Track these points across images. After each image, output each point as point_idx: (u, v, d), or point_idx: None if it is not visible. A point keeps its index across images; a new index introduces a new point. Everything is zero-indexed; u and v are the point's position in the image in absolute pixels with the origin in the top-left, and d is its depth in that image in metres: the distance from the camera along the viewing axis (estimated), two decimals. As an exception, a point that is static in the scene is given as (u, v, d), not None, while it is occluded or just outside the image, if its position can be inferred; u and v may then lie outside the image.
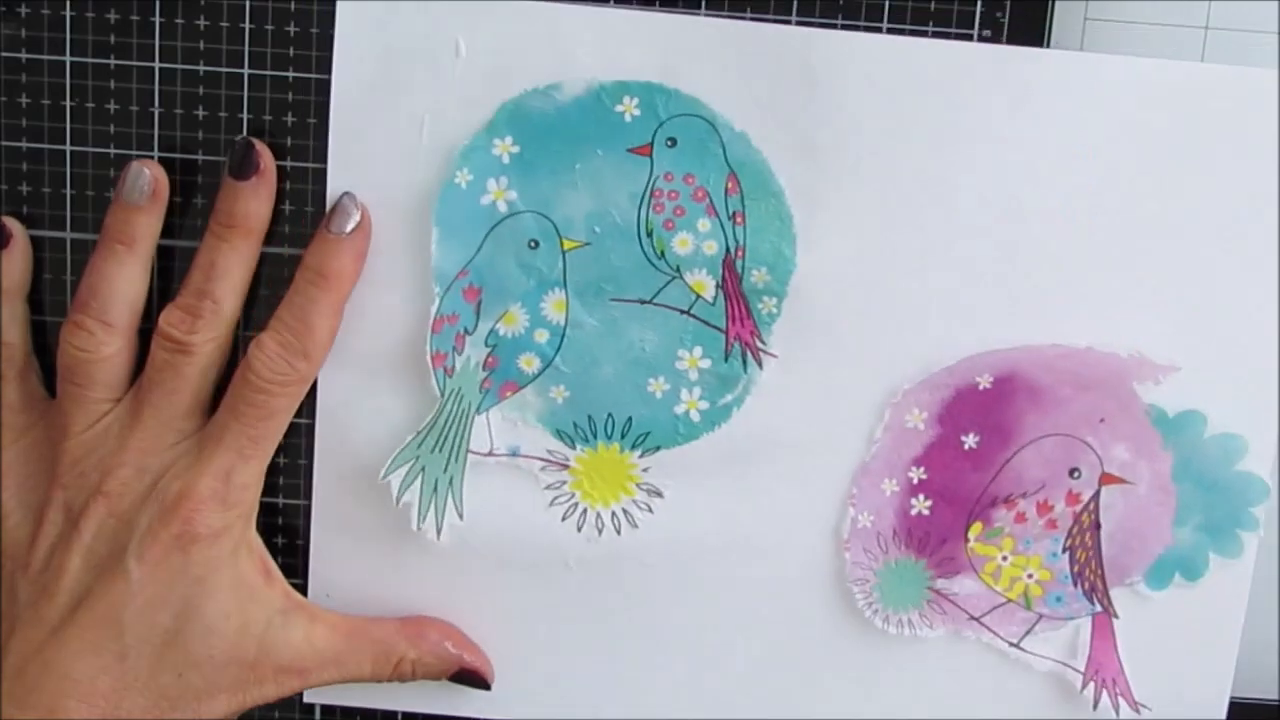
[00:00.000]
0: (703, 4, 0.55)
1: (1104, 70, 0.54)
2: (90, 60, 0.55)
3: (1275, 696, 0.60)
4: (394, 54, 0.55)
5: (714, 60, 0.54)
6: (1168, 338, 0.56)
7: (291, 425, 0.56)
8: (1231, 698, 0.59)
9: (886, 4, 0.55)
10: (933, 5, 0.55)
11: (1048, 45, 0.55)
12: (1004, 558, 0.58)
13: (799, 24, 0.55)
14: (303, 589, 0.58)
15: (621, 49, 0.54)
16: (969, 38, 0.55)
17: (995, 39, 0.55)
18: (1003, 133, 0.55)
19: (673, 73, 0.54)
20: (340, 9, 0.55)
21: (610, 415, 0.57)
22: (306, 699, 0.60)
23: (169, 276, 0.56)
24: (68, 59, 0.55)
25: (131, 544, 0.53)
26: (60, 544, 0.54)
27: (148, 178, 0.55)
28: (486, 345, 0.56)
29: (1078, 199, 0.55)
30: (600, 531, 0.58)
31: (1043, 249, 0.55)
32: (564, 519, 0.58)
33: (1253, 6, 0.55)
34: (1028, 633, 0.58)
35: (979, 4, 0.55)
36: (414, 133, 0.55)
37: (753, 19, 0.55)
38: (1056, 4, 0.55)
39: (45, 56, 0.55)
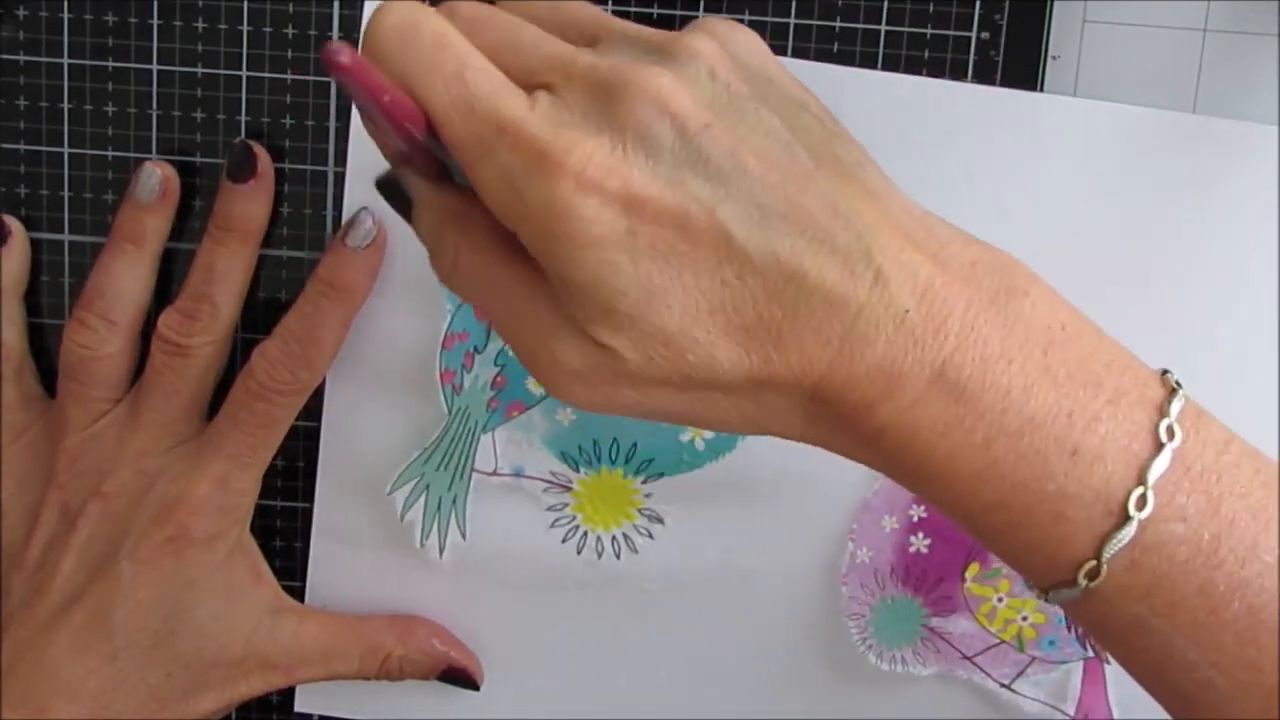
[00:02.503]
0: (701, 6, 0.55)
1: (1103, 118, 0.55)
2: (88, 63, 0.55)
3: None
4: None
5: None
6: None
7: (291, 428, 0.56)
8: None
9: (885, 5, 0.55)
10: (931, 7, 0.55)
11: (1046, 47, 0.55)
12: (999, 599, 0.58)
13: (796, 25, 0.55)
14: (299, 591, 0.58)
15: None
16: (967, 40, 0.55)
17: (993, 41, 0.55)
18: (1017, 177, 0.55)
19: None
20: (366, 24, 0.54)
21: (615, 440, 0.57)
22: (302, 710, 0.60)
23: (167, 279, 0.56)
24: (65, 61, 0.55)
25: (126, 545, 0.53)
26: (55, 543, 0.54)
27: (159, 177, 0.55)
28: (496, 364, 0.56)
29: (1081, 246, 0.55)
30: (600, 555, 0.58)
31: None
32: (564, 541, 0.58)
33: (1251, 8, 0.55)
34: (1019, 675, 0.58)
35: (977, 5, 0.55)
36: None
37: (751, 19, 0.55)
38: (1055, 6, 0.55)
39: (43, 59, 0.55)
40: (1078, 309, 0.41)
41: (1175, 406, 0.39)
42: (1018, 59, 0.55)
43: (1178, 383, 0.40)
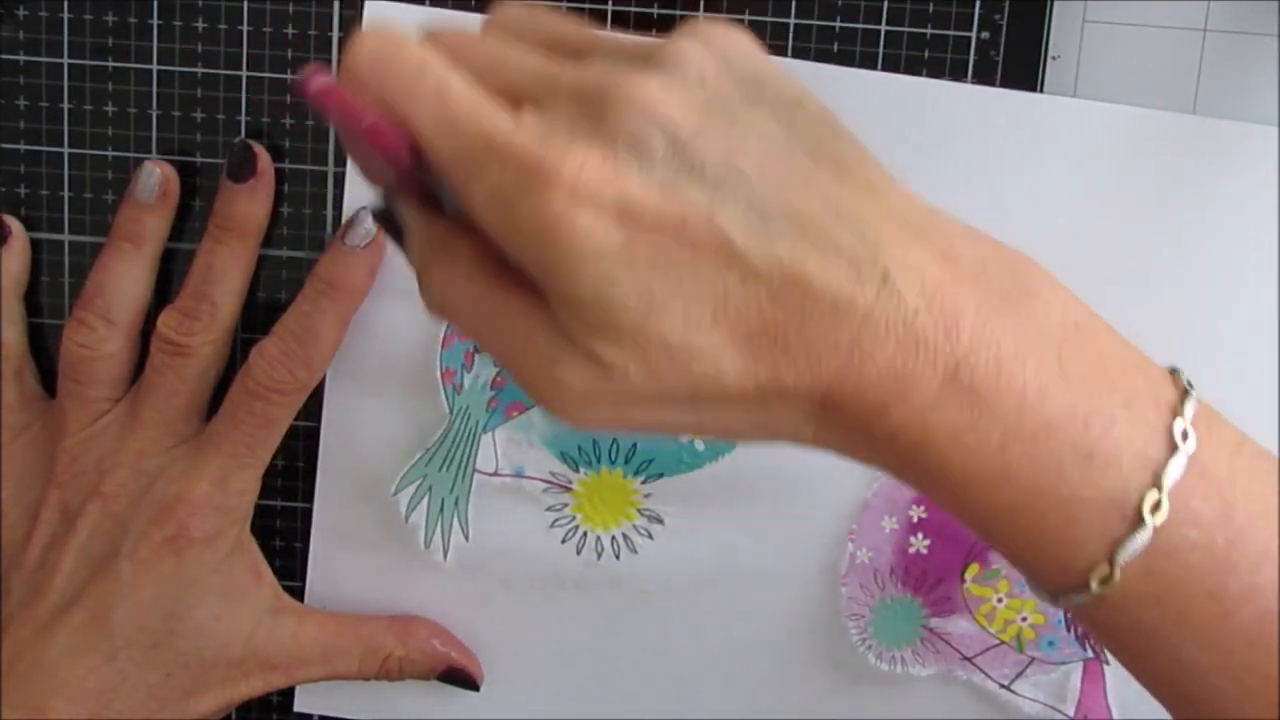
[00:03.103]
0: (701, 6, 0.55)
1: (1102, 118, 0.55)
2: (88, 63, 0.55)
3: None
4: None
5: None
6: None
7: (291, 428, 0.56)
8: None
9: (885, 5, 0.55)
10: (931, 7, 0.55)
11: (1046, 47, 0.55)
12: (999, 600, 0.58)
13: (796, 26, 0.55)
14: (299, 591, 0.58)
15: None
16: (967, 40, 0.55)
17: (993, 41, 0.55)
18: (1016, 178, 0.55)
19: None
20: (365, 24, 0.54)
21: (615, 440, 0.56)
22: (302, 710, 0.60)
23: (167, 279, 0.56)
24: (65, 61, 0.55)
25: (125, 545, 0.53)
26: (55, 543, 0.54)
27: (158, 177, 0.55)
28: (495, 364, 0.56)
29: (1081, 247, 0.55)
30: (599, 555, 0.58)
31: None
32: (564, 541, 0.57)
33: (1252, 8, 0.54)
34: (1019, 675, 0.58)
35: (977, 5, 0.55)
36: None
37: (751, 19, 0.55)
38: (1055, 6, 0.55)
39: (43, 59, 0.55)
40: (1090, 307, 0.40)
41: (1189, 409, 0.38)
42: (1018, 59, 0.55)
43: (1189, 383, 0.39)
